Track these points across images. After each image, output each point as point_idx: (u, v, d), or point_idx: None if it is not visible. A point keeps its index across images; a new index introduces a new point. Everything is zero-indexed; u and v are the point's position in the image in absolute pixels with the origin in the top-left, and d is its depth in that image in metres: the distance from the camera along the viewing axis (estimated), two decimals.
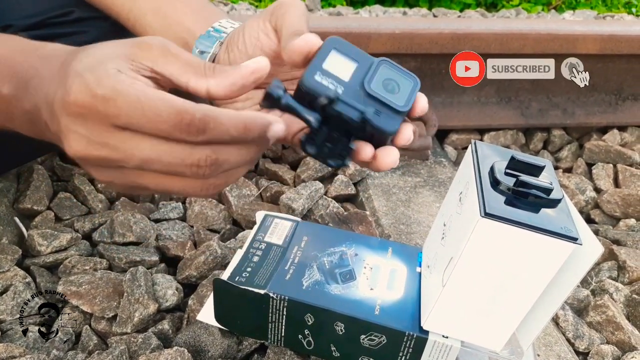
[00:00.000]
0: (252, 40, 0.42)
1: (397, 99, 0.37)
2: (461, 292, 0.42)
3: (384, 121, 0.37)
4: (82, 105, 0.31)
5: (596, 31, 1.03)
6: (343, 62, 0.38)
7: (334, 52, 0.38)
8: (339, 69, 0.37)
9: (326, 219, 0.74)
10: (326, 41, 0.38)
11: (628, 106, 1.13)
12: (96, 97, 0.30)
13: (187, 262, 0.63)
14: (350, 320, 0.46)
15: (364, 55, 0.39)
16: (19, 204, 0.71)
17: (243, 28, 0.44)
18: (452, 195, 0.47)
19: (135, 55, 0.33)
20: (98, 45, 0.34)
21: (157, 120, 0.30)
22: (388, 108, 0.37)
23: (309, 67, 0.37)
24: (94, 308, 0.56)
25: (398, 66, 0.39)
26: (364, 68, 0.38)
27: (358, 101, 0.37)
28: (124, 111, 0.30)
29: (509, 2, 2.44)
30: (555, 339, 0.60)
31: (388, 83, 0.37)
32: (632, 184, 0.94)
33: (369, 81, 0.37)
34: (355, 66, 0.38)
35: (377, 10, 1.97)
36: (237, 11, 1.87)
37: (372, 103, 0.37)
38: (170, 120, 0.30)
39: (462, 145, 1.07)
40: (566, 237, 0.37)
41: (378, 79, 0.37)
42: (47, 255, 0.64)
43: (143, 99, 0.30)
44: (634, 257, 0.74)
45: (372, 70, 0.38)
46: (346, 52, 0.38)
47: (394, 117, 0.37)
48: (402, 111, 0.37)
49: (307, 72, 0.37)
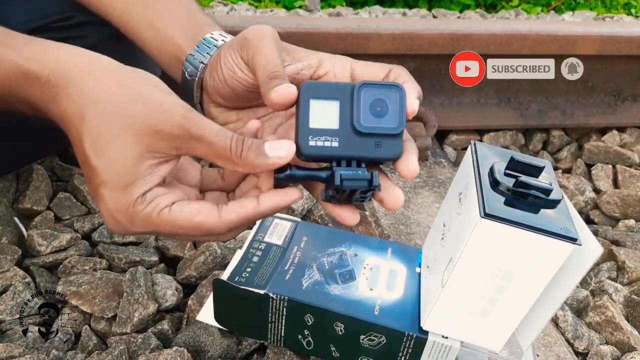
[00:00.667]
0: (229, 73, 0.42)
1: (389, 121, 0.37)
2: (461, 292, 0.42)
3: (386, 150, 0.37)
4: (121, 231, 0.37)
5: (595, 32, 1.03)
6: (326, 108, 0.37)
7: (313, 102, 0.37)
8: (325, 119, 0.37)
9: (326, 219, 0.74)
10: (301, 91, 0.37)
11: (627, 107, 1.13)
12: (134, 232, 0.37)
13: (186, 262, 0.63)
14: (350, 320, 0.46)
15: (342, 87, 0.38)
16: (19, 204, 0.71)
17: (219, 58, 0.43)
18: (452, 196, 0.47)
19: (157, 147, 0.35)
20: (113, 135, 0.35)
21: (189, 236, 0.38)
22: (385, 136, 0.37)
23: (298, 133, 0.37)
24: (94, 308, 0.56)
25: (378, 83, 0.38)
26: (347, 102, 0.37)
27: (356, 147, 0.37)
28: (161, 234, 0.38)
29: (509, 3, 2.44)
30: (555, 339, 0.60)
31: (375, 107, 0.37)
32: (632, 184, 0.94)
33: (357, 118, 0.37)
34: (337, 105, 0.37)
35: (376, 10, 1.97)
36: (236, 12, 1.87)
37: (369, 140, 0.37)
38: (200, 236, 0.38)
39: (462, 145, 1.07)
40: (565, 237, 0.37)
41: (364, 109, 0.37)
42: (46, 256, 0.64)
43: (175, 228, 0.36)
44: (633, 258, 0.74)
45: (356, 102, 0.37)
46: (324, 95, 0.37)
47: (394, 141, 0.37)
48: (399, 132, 0.37)
49: (301, 141, 0.37)
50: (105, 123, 0.35)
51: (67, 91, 0.35)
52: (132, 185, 0.35)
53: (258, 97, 0.43)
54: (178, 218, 0.35)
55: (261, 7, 2.16)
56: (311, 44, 0.98)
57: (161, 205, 0.35)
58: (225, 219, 0.36)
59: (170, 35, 0.49)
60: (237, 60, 0.41)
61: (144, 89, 0.36)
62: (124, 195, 0.35)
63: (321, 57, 0.42)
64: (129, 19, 0.52)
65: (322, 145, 0.37)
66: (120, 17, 0.53)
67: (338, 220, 0.41)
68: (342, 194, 0.38)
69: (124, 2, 0.53)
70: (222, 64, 0.42)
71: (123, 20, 0.53)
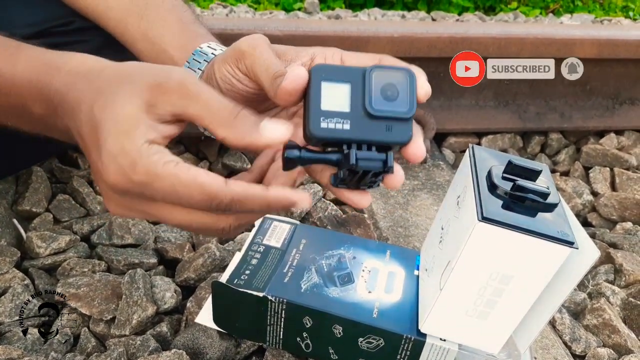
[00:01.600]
0: (227, 86, 0.42)
1: (400, 105, 0.37)
2: (459, 295, 0.42)
3: (396, 134, 0.37)
4: (121, 187, 0.34)
5: (594, 35, 1.04)
6: (337, 91, 0.37)
7: (325, 84, 0.37)
8: (337, 101, 0.37)
9: (324, 221, 0.74)
10: (312, 73, 0.37)
11: (625, 110, 1.14)
12: (133, 182, 0.33)
13: (185, 265, 0.63)
14: (349, 323, 0.46)
15: (353, 70, 0.38)
16: (18, 205, 0.71)
17: (213, 72, 0.43)
18: (450, 199, 0.47)
19: (155, 102, 0.34)
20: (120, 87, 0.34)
21: (189, 201, 0.34)
22: (396, 120, 0.37)
23: (309, 114, 0.36)
24: (93, 310, 0.56)
25: (389, 67, 0.38)
26: (358, 85, 0.37)
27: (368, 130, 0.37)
28: (159, 193, 0.33)
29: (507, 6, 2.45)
30: (552, 342, 0.60)
31: (386, 91, 0.37)
32: (629, 187, 0.94)
33: (369, 101, 0.37)
34: (349, 88, 0.37)
35: (375, 13, 1.98)
36: (236, 14, 1.87)
37: (380, 124, 0.37)
38: (201, 202, 0.34)
39: (460, 148, 1.07)
40: (562, 241, 0.38)
41: (375, 92, 0.37)
42: (45, 257, 0.64)
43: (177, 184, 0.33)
44: (630, 261, 0.75)
45: (367, 85, 0.37)
46: (335, 78, 0.37)
47: (404, 125, 0.37)
48: (410, 117, 0.37)
49: (312, 122, 0.36)
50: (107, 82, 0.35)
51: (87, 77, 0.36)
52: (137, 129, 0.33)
53: (259, 105, 0.44)
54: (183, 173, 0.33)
55: (260, 8, 2.17)
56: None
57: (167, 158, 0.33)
58: (231, 188, 0.34)
59: (164, 48, 0.50)
60: (234, 72, 0.41)
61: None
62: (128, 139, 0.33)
63: (312, 53, 0.42)
64: (124, 31, 0.53)
65: (334, 128, 0.36)
66: (115, 27, 0.54)
67: (349, 204, 0.41)
68: (353, 177, 0.38)
69: (119, 14, 0.53)
70: (218, 78, 0.42)
71: (119, 31, 0.53)
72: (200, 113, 0.34)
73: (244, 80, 0.41)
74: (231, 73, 0.41)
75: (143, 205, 0.35)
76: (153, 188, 0.33)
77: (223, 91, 0.42)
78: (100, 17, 0.56)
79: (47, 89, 0.37)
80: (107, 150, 0.33)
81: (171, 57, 0.49)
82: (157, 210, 0.35)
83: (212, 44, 0.48)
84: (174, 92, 0.34)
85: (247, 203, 0.34)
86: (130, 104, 0.33)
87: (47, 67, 0.38)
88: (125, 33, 0.53)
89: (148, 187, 0.33)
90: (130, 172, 0.33)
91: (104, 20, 0.56)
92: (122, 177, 0.33)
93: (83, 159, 0.83)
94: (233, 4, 2.10)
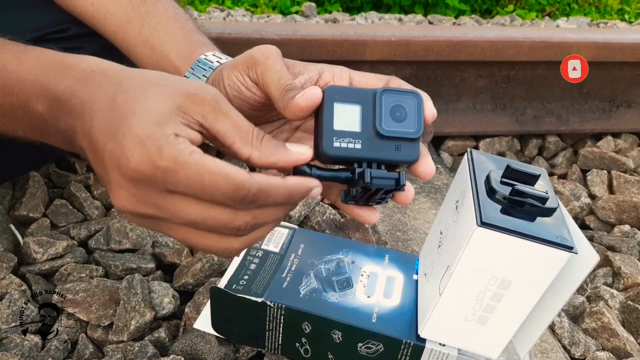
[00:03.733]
0: (234, 93, 0.42)
1: (408, 125, 0.39)
2: (458, 300, 0.42)
3: (405, 154, 0.39)
4: (142, 173, 0.32)
5: (590, 39, 1.04)
6: (348, 112, 0.39)
7: (337, 105, 0.38)
8: (348, 122, 0.38)
9: (323, 225, 0.74)
10: (325, 94, 0.38)
11: (622, 113, 1.14)
12: (158, 168, 0.32)
13: (183, 270, 0.63)
14: (348, 328, 0.46)
15: (363, 92, 0.39)
16: (15, 211, 0.71)
17: (222, 78, 0.43)
18: (449, 204, 0.47)
19: (188, 109, 0.34)
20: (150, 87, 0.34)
21: (214, 192, 0.32)
22: (404, 140, 0.39)
23: (323, 135, 0.38)
24: (90, 316, 0.56)
25: (398, 90, 0.40)
26: (369, 107, 0.39)
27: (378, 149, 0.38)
28: (183, 183, 0.32)
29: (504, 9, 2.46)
30: (552, 346, 0.60)
31: (395, 112, 0.39)
32: (627, 190, 0.94)
33: (379, 121, 0.38)
34: (359, 109, 0.39)
35: (372, 16, 1.98)
36: (233, 17, 1.88)
37: (389, 144, 0.38)
38: (226, 194, 0.32)
39: (458, 151, 1.07)
40: (562, 245, 0.38)
41: (385, 113, 0.39)
42: (42, 263, 0.64)
43: (204, 173, 0.32)
44: (628, 264, 0.75)
45: (378, 107, 0.39)
46: (347, 99, 0.39)
47: (412, 145, 0.39)
48: (417, 137, 0.39)
49: (325, 142, 0.38)
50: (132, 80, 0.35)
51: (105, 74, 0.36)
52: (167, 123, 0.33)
53: (264, 114, 0.44)
54: (210, 162, 0.32)
55: (258, 12, 2.17)
56: (308, 51, 0.99)
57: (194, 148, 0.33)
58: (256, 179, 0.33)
59: (166, 55, 0.50)
60: (244, 80, 0.42)
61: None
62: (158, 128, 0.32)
63: (320, 69, 0.43)
64: (124, 36, 0.52)
65: (346, 147, 0.38)
66: (115, 33, 0.53)
67: (358, 220, 0.42)
68: (364, 194, 0.39)
69: (120, 19, 0.53)
70: (226, 85, 0.42)
71: (119, 37, 0.53)
72: (228, 131, 0.35)
73: (253, 88, 0.42)
74: (240, 80, 0.42)
75: (157, 198, 0.33)
76: (177, 176, 0.32)
77: (230, 98, 0.42)
78: (100, 23, 0.56)
79: (54, 86, 0.37)
80: (134, 134, 0.32)
81: (173, 63, 0.49)
82: (171, 204, 0.33)
83: (216, 53, 0.48)
84: (207, 104, 0.34)
85: (272, 193, 0.34)
86: (163, 102, 0.33)
87: (58, 64, 0.37)
88: (125, 38, 0.53)
89: (172, 175, 0.32)
90: (157, 157, 0.32)
91: (103, 26, 0.56)
92: (147, 161, 0.32)
93: (80, 163, 0.82)
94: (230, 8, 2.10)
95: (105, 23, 0.55)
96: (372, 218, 0.42)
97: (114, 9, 0.55)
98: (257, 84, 0.41)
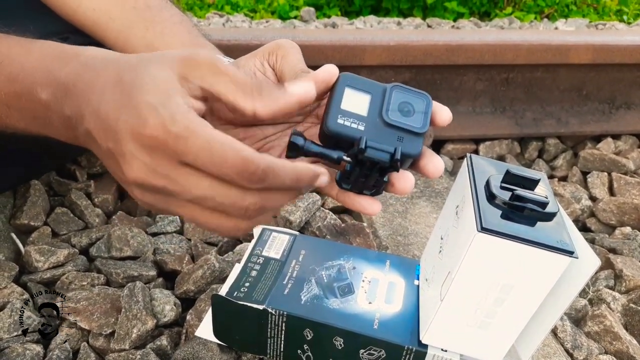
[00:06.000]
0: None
1: (414, 121, 0.39)
2: (459, 305, 0.42)
3: (407, 146, 0.38)
4: (155, 139, 0.32)
5: (588, 41, 1.04)
6: (358, 97, 0.39)
7: (348, 90, 0.39)
8: (356, 106, 0.39)
9: (324, 231, 0.74)
10: (339, 78, 0.40)
11: (621, 114, 1.14)
12: (170, 133, 0.32)
13: (185, 277, 0.63)
14: (349, 334, 0.46)
15: (375, 85, 0.40)
16: (16, 219, 0.71)
17: (237, 67, 0.43)
18: (449, 209, 0.47)
19: (187, 74, 0.34)
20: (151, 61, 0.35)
21: (222, 164, 0.32)
22: (408, 132, 0.39)
23: (329, 111, 0.38)
24: (92, 324, 0.56)
25: (409, 88, 0.40)
26: (378, 98, 0.40)
27: (380, 135, 0.38)
28: (193, 150, 0.32)
29: (502, 11, 2.47)
30: (554, 350, 0.60)
31: (403, 107, 0.39)
32: (627, 192, 0.94)
33: (386, 110, 0.39)
34: (369, 98, 0.40)
35: (371, 20, 1.98)
36: (232, 22, 1.88)
37: (393, 132, 0.39)
38: (235, 167, 0.32)
39: (458, 155, 1.07)
40: (562, 250, 0.38)
41: (393, 105, 0.39)
42: (44, 272, 0.64)
43: (213, 142, 0.32)
44: (630, 266, 0.75)
45: (387, 98, 0.39)
46: (359, 86, 0.40)
47: (415, 139, 0.39)
48: (422, 132, 0.39)
49: (330, 117, 0.38)
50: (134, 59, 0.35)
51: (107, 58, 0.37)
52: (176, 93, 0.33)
53: None
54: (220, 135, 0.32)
55: (257, 17, 2.18)
56: (307, 56, 0.99)
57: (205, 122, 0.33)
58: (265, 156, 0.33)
59: None
60: (261, 66, 0.43)
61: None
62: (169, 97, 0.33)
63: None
64: (126, 41, 0.53)
65: (349, 126, 0.38)
66: (116, 38, 0.54)
67: (359, 210, 0.41)
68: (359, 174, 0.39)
69: (122, 25, 0.53)
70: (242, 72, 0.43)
71: (120, 42, 0.53)
72: (229, 88, 0.35)
73: (268, 72, 0.43)
74: (257, 66, 0.43)
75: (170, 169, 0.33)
76: (188, 144, 0.32)
77: None
78: (101, 29, 0.56)
79: (58, 72, 0.37)
80: (148, 103, 0.32)
81: None
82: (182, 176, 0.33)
83: (220, 56, 0.49)
84: (204, 66, 0.35)
85: (280, 173, 0.34)
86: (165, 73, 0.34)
87: (63, 53, 0.38)
88: (127, 43, 0.53)
89: (183, 142, 0.32)
90: (170, 123, 0.32)
91: (104, 31, 0.56)
92: (160, 126, 0.32)
93: (81, 171, 0.82)
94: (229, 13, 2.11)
95: (106, 29, 0.55)
96: (374, 208, 0.41)
97: (117, 14, 0.55)
98: (274, 68, 0.42)
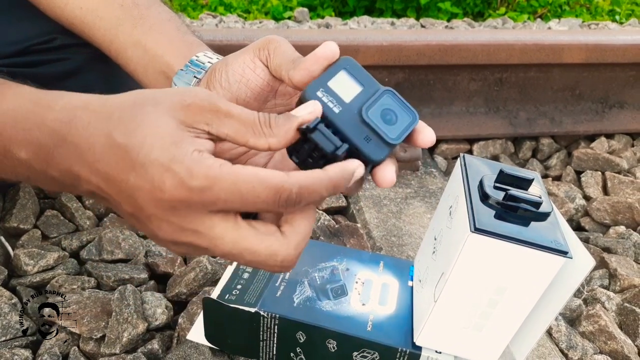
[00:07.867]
0: (236, 77, 0.42)
1: (390, 130, 0.38)
2: (453, 307, 0.42)
3: (371, 148, 0.37)
4: (178, 200, 0.31)
5: (581, 41, 1.04)
6: (349, 84, 0.38)
7: (343, 72, 0.38)
8: (343, 90, 0.38)
9: (317, 232, 0.74)
10: (340, 60, 0.39)
11: (614, 114, 1.14)
12: (192, 190, 0.31)
13: (176, 279, 0.62)
14: (342, 337, 0.46)
15: (372, 82, 0.39)
16: (5, 222, 0.70)
17: (225, 65, 0.43)
18: (442, 209, 0.47)
19: (190, 121, 0.33)
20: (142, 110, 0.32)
21: (256, 201, 0.31)
22: (378, 137, 0.37)
23: (314, 80, 0.37)
24: (82, 329, 0.55)
25: (401, 99, 0.39)
26: (368, 94, 0.38)
27: (350, 125, 0.37)
28: (222, 198, 0.31)
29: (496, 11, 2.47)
30: (549, 350, 0.60)
31: (386, 113, 0.38)
32: (621, 191, 0.94)
33: (367, 108, 0.38)
34: (360, 90, 0.38)
35: (365, 21, 1.98)
36: (225, 23, 1.87)
37: (364, 129, 0.37)
38: (268, 200, 0.31)
39: (452, 155, 1.07)
40: (556, 250, 0.37)
41: (377, 107, 0.38)
42: (33, 275, 0.63)
43: (239, 183, 0.31)
44: (624, 265, 0.75)
45: (375, 98, 0.38)
46: (355, 75, 0.39)
47: (383, 147, 0.37)
48: (392, 143, 0.37)
49: (312, 86, 0.37)
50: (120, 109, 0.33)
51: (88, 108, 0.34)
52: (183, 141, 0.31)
53: (262, 105, 0.43)
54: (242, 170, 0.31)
55: (250, 18, 2.17)
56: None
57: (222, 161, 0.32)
58: (294, 177, 0.31)
59: (160, 54, 0.49)
60: (251, 62, 0.42)
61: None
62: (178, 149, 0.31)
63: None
64: (113, 39, 0.52)
65: (325, 103, 0.37)
66: (104, 36, 0.53)
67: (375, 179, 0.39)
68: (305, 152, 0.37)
69: (110, 23, 0.52)
70: (229, 71, 0.42)
71: (107, 40, 0.53)
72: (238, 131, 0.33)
73: (259, 69, 0.41)
74: (247, 63, 0.42)
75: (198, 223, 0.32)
76: (213, 192, 0.31)
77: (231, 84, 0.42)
78: (88, 27, 0.55)
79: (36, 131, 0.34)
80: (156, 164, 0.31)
81: (167, 62, 0.49)
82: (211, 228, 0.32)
83: (208, 53, 0.48)
84: (207, 111, 0.33)
85: (315, 188, 0.32)
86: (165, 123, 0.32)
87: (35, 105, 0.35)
88: (114, 41, 0.53)
89: (208, 193, 0.31)
90: (188, 178, 0.30)
91: (91, 30, 0.55)
92: (180, 186, 0.30)
93: None
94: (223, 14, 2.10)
95: (93, 27, 0.54)
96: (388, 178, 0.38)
97: (104, 13, 0.54)
98: (265, 63, 0.41)
